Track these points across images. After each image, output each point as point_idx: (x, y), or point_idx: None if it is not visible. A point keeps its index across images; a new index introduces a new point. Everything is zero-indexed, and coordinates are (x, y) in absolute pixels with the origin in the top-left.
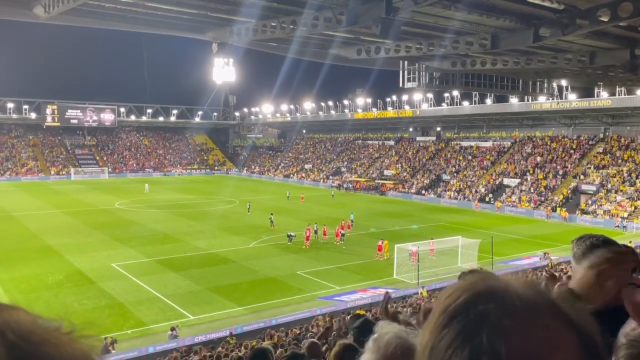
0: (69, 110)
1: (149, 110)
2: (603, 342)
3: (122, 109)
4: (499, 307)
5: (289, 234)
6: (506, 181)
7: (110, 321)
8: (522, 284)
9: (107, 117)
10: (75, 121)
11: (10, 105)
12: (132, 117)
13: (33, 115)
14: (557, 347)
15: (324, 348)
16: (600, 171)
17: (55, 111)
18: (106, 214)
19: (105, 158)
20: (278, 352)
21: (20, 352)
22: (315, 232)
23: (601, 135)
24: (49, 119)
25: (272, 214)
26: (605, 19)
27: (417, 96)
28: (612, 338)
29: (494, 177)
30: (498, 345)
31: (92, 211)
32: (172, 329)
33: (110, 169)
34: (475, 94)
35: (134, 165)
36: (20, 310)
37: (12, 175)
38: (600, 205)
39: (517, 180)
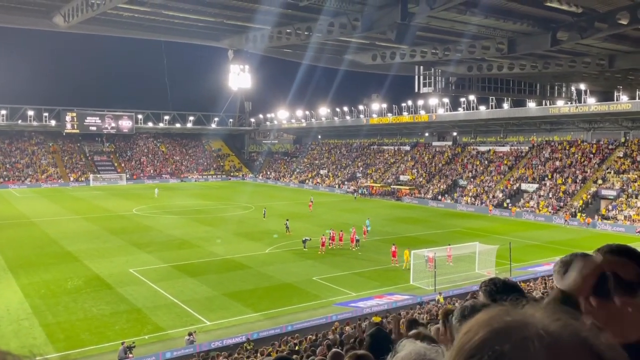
0: (87, 118)
1: (166, 117)
2: None
3: (140, 116)
4: (516, 349)
5: (303, 239)
6: (524, 186)
7: (128, 326)
8: (547, 317)
9: (125, 124)
10: (94, 128)
11: (30, 112)
12: (150, 124)
13: (53, 123)
14: None
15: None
16: (621, 176)
17: (75, 118)
18: (124, 219)
19: (123, 164)
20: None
21: None
22: (330, 238)
23: (622, 140)
24: (68, 126)
25: (287, 220)
26: (624, 22)
27: (433, 101)
28: None
29: (511, 182)
30: None
31: (110, 217)
32: (190, 334)
33: (128, 175)
34: (492, 99)
35: (152, 172)
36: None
37: (33, 182)
38: (621, 210)
39: (536, 186)
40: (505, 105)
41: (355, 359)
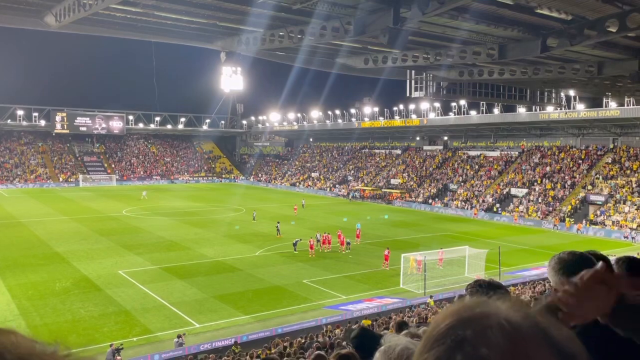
0: (78, 118)
1: (157, 118)
2: None
3: (131, 117)
4: (477, 334)
5: (294, 241)
6: (514, 191)
7: (116, 328)
8: (513, 310)
9: (116, 125)
10: (84, 128)
11: (20, 112)
12: (140, 125)
13: (42, 123)
14: None
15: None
16: (609, 181)
17: (65, 118)
18: (113, 221)
19: (113, 165)
20: None
21: None
22: (318, 240)
23: (610, 146)
24: (58, 126)
25: (278, 222)
26: (613, 30)
27: (425, 105)
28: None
29: (501, 186)
30: None
31: (99, 218)
32: (179, 337)
33: (118, 176)
34: (483, 104)
35: (142, 173)
36: (18, 334)
37: (22, 182)
38: (609, 216)
39: (525, 190)
40: (496, 111)
41: (339, 358)
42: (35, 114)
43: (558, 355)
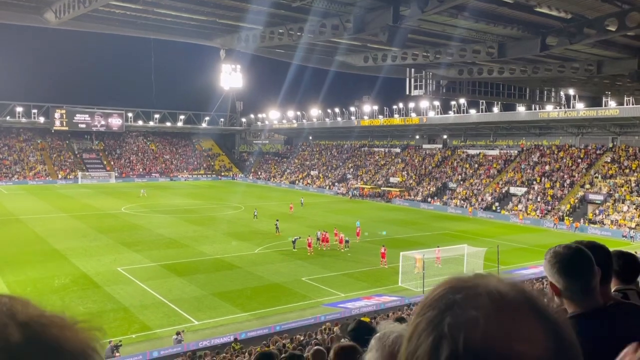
0: (77, 115)
1: (157, 116)
2: (577, 339)
3: (130, 114)
4: (466, 298)
5: (293, 239)
6: (513, 190)
7: (115, 325)
8: (502, 282)
9: (115, 122)
10: (83, 125)
11: (19, 109)
12: (140, 122)
13: (41, 120)
14: (520, 339)
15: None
16: (608, 181)
17: (64, 115)
18: (113, 218)
19: (112, 162)
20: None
21: (31, 330)
22: (318, 239)
23: (610, 145)
24: (57, 123)
25: (277, 220)
26: (612, 29)
27: (424, 104)
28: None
29: (500, 185)
30: (457, 333)
31: (98, 215)
32: (178, 334)
33: (117, 174)
34: (482, 102)
35: (141, 170)
36: (29, 301)
37: (20, 179)
38: (608, 215)
39: (524, 189)
40: (495, 109)
41: (339, 349)
42: (34, 110)
43: (543, 322)
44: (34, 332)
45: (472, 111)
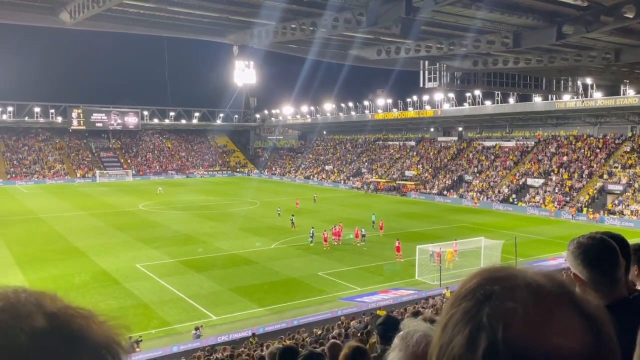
0: (94, 114)
1: (172, 113)
2: (615, 332)
3: (146, 112)
4: (505, 289)
5: (311, 233)
6: (530, 181)
7: (135, 321)
8: (539, 274)
9: (131, 120)
10: (100, 124)
11: (37, 109)
12: (155, 120)
13: (59, 119)
14: (559, 332)
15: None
16: (627, 170)
17: (81, 115)
18: (130, 215)
19: (129, 160)
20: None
21: (57, 319)
22: (335, 234)
23: (629, 134)
24: (74, 122)
25: (293, 215)
26: (630, 16)
27: (438, 96)
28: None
29: (517, 177)
30: (496, 324)
31: (116, 213)
32: (197, 329)
33: (134, 172)
34: (498, 93)
35: (157, 168)
36: (56, 294)
37: (40, 178)
38: (628, 205)
39: (542, 181)
40: (511, 100)
41: (351, 350)
42: (52, 110)
43: (581, 315)
44: (60, 321)
45: (488, 102)
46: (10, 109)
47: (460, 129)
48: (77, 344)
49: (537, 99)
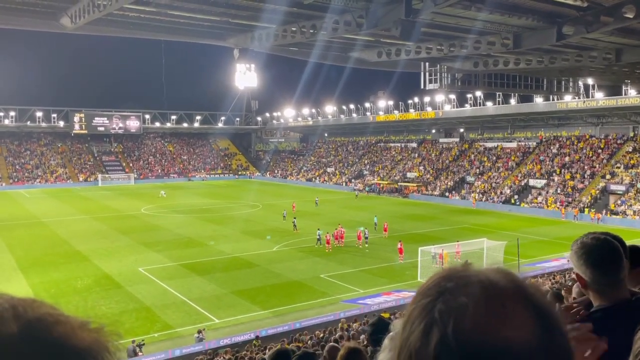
0: (95, 118)
1: (173, 117)
2: (563, 322)
3: (147, 116)
4: (458, 286)
5: (318, 234)
6: (532, 182)
7: (137, 324)
8: (494, 271)
9: (133, 124)
10: (101, 128)
11: (39, 114)
12: (157, 124)
13: (61, 124)
14: (509, 326)
15: None
16: (630, 171)
17: (83, 119)
18: (133, 219)
19: (131, 164)
20: None
21: (31, 327)
22: (336, 236)
23: (631, 134)
24: (76, 126)
25: (295, 218)
26: (630, 16)
27: (440, 97)
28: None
29: (519, 178)
30: (447, 319)
31: (119, 216)
32: (199, 332)
33: (136, 175)
34: (499, 94)
35: (159, 171)
36: (44, 302)
37: (42, 182)
38: (630, 205)
39: (544, 181)
40: (512, 101)
41: (347, 351)
42: (54, 115)
43: (533, 310)
44: (34, 328)
45: (489, 103)
46: (12, 113)
47: (461, 130)
48: (54, 351)
49: (539, 99)
